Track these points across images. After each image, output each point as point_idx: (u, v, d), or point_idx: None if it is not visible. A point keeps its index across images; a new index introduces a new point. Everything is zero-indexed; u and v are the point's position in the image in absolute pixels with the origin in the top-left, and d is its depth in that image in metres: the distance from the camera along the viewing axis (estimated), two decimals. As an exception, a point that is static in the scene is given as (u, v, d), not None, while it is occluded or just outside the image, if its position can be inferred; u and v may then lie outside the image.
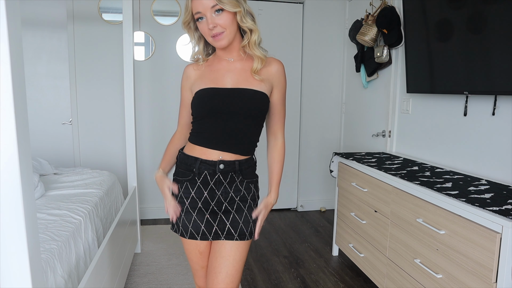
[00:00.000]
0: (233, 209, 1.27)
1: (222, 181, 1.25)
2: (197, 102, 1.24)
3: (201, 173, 1.25)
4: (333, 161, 2.69)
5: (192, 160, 1.26)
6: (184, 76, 1.34)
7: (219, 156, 1.24)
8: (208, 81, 1.26)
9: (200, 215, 1.26)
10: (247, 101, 1.22)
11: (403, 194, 1.84)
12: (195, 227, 1.27)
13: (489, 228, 1.33)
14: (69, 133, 3.47)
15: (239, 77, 1.25)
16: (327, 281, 2.40)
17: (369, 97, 3.18)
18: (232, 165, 1.25)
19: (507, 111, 1.82)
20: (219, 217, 1.27)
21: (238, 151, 1.26)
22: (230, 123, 1.23)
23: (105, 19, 3.27)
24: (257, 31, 1.23)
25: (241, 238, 1.27)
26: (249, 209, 1.29)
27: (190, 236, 1.28)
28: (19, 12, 0.77)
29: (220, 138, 1.24)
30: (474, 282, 1.40)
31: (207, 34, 1.21)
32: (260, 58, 1.25)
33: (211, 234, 1.27)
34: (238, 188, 1.28)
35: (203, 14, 1.17)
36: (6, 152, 0.74)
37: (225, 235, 1.27)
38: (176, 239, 3.00)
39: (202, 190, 1.26)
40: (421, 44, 2.28)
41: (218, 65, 1.29)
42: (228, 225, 1.26)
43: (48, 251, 1.39)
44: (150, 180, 3.53)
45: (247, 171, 1.29)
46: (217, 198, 1.26)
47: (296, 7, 3.62)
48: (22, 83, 0.82)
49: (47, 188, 2.22)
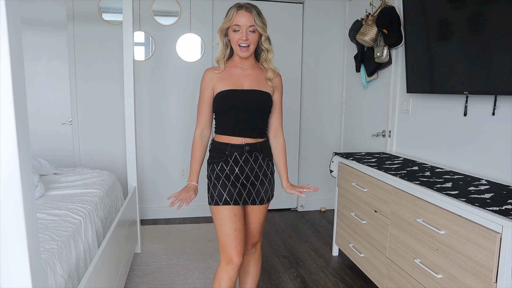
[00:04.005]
0: (258, 182, 1.66)
1: (249, 159, 1.63)
2: (221, 101, 1.60)
3: (232, 154, 1.61)
4: (333, 161, 2.69)
5: (224, 145, 1.62)
6: (207, 78, 1.64)
7: (243, 140, 1.62)
8: (229, 83, 1.61)
9: (233, 186, 1.62)
10: (260, 99, 1.63)
11: (403, 194, 1.84)
12: (229, 195, 1.61)
13: (489, 228, 1.33)
14: (69, 133, 3.47)
15: (252, 81, 1.64)
16: (327, 281, 2.40)
17: (369, 97, 3.18)
18: (255, 146, 1.64)
19: (507, 111, 1.82)
20: (248, 187, 1.64)
21: (256, 135, 1.65)
22: (247, 115, 1.61)
23: (105, 19, 3.27)
24: (272, 51, 1.66)
25: (261, 203, 1.69)
26: (269, 181, 1.70)
27: (224, 202, 1.60)
28: (19, 12, 0.77)
29: (242, 127, 1.62)
30: (474, 282, 1.40)
31: (235, 43, 1.58)
32: (273, 70, 1.67)
33: (241, 200, 1.63)
34: (261, 165, 1.67)
35: (241, 28, 1.54)
36: (6, 152, 0.74)
37: (251, 201, 1.66)
38: (176, 239, 3.00)
39: (234, 167, 1.62)
40: (421, 44, 2.28)
41: (235, 71, 1.65)
42: (254, 194, 1.66)
43: (48, 251, 1.39)
44: (150, 180, 3.53)
45: (266, 150, 1.69)
46: (246, 173, 1.63)
47: (296, 7, 3.62)
48: (22, 83, 0.82)
49: (47, 188, 2.22)
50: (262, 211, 1.73)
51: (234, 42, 1.58)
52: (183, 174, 3.56)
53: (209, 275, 2.42)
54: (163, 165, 3.54)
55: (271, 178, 1.73)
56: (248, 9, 1.54)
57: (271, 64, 1.68)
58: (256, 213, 1.72)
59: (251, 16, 1.53)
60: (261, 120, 1.66)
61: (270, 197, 1.73)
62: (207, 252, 2.77)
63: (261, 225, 1.77)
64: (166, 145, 3.52)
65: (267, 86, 1.66)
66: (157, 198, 3.56)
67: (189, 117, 3.47)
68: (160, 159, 3.52)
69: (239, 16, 1.54)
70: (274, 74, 1.67)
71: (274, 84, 1.67)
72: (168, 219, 3.53)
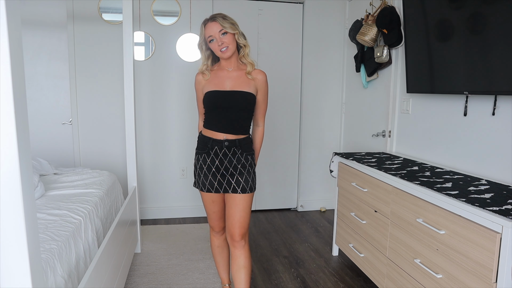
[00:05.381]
0: (237, 172, 1.81)
1: (227, 153, 1.80)
2: (207, 101, 1.80)
3: (213, 148, 1.81)
4: (333, 161, 2.69)
5: (207, 139, 1.82)
6: (197, 82, 1.89)
7: (224, 136, 1.79)
8: (213, 85, 1.81)
9: (213, 176, 1.83)
10: (240, 99, 1.78)
11: (403, 194, 1.84)
12: (210, 184, 1.84)
13: (489, 228, 1.33)
14: (69, 133, 3.47)
15: (235, 82, 1.80)
16: (327, 281, 2.40)
17: (369, 97, 3.18)
18: (234, 142, 1.81)
19: (507, 111, 1.82)
20: (227, 177, 1.82)
21: (237, 132, 1.81)
22: (229, 114, 1.79)
23: (105, 19, 3.26)
24: (248, 46, 1.81)
25: (243, 192, 1.81)
26: (248, 172, 1.84)
27: (207, 190, 1.86)
28: (19, 12, 0.77)
29: (224, 124, 1.79)
30: (474, 282, 1.40)
31: (217, 50, 1.75)
32: (251, 63, 1.83)
33: (221, 188, 1.83)
34: (239, 158, 1.82)
35: (214, 37, 1.73)
36: (6, 152, 0.74)
37: (232, 190, 1.82)
38: (176, 239, 3.00)
39: (214, 159, 1.81)
40: (421, 44, 2.28)
41: (220, 73, 1.83)
42: (233, 183, 1.82)
43: (48, 251, 1.39)
44: (150, 180, 3.53)
45: (245, 146, 1.84)
46: (225, 165, 1.81)
47: (296, 7, 3.62)
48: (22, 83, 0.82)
49: (47, 188, 2.22)
50: (245, 200, 1.83)
51: (216, 50, 1.76)
52: (183, 174, 3.56)
53: (209, 275, 2.42)
54: (163, 165, 3.54)
55: (250, 170, 1.85)
56: (212, 19, 1.74)
57: (249, 58, 1.83)
58: (239, 202, 1.83)
59: (217, 23, 1.72)
60: (241, 118, 1.81)
61: (252, 188, 1.84)
62: (207, 252, 2.77)
63: (246, 214, 1.85)
64: (166, 145, 3.52)
65: (249, 86, 1.80)
66: (157, 198, 3.56)
67: (189, 117, 3.47)
68: (160, 159, 3.52)
69: (208, 28, 1.74)
70: (252, 67, 1.81)
71: (253, 77, 1.81)
72: (168, 219, 3.53)
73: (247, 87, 1.80)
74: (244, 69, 1.83)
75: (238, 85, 1.79)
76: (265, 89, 1.87)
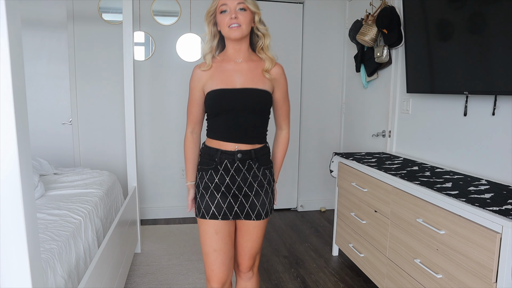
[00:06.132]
0: (252, 193, 1.45)
1: (241, 168, 1.43)
2: (210, 102, 1.40)
3: (222, 162, 1.42)
4: (333, 161, 2.69)
5: (214, 151, 1.44)
6: (196, 78, 1.44)
7: (236, 147, 1.41)
8: (219, 82, 1.40)
9: (223, 197, 1.43)
10: (254, 100, 1.39)
11: (403, 194, 1.84)
12: (217, 207, 1.43)
13: (489, 228, 1.33)
14: (69, 133, 3.47)
15: (246, 77, 1.41)
16: (327, 281, 2.40)
17: (369, 97, 3.18)
18: (249, 154, 1.43)
19: (507, 111, 1.82)
20: (240, 199, 1.45)
21: (252, 141, 1.43)
22: (241, 118, 1.40)
23: (105, 19, 3.26)
24: (269, 36, 1.43)
25: (258, 218, 1.46)
26: (265, 193, 1.47)
27: (211, 216, 1.43)
28: (19, 12, 0.77)
29: (234, 132, 1.41)
30: (474, 282, 1.40)
31: (224, 25, 1.35)
32: (271, 59, 1.43)
33: (231, 214, 1.44)
34: (255, 174, 1.45)
35: (228, 7, 1.34)
36: (6, 152, 0.74)
37: (244, 215, 1.45)
38: (176, 239, 3.00)
39: (224, 177, 1.43)
40: (421, 44, 2.28)
41: (227, 66, 1.42)
42: (247, 207, 1.45)
43: (48, 251, 1.39)
44: (150, 180, 3.53)
45: (263, 158, 1.47)
46: (238, 183, 1.43)
47: (296, 7, 3.61)
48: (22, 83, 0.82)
49: (47, 188, 2.22)
50: (259, 228, 1.49)
51: (223, 25, 1.35)
52: (183, 174, 3.56)
53: (209, 275, 2.42)
54: (163, 165, 3.54)
55: (268, 189, 1.49)
56: None
57: (269, 52, 1.44)
58: (251, 231, 1.49)
59: None
60: (257, 124, 1.44)
61: (268, 212, 1.49)
62: (207, 252, 2.77)
63: (258, 245, 1.53)
64: (166, 145, 3.52)
65: (265, 82, 1.42)
66: (157, 198, 3.56)
67: (189, 117, 3.47)
68: (160, 159, 3.52)
69: None
70: (272, 64, 1.43)
71: (271, 77, 1.43)
72: (168, 219, 3.53)
73: (262, 83, 1.41)
74: (257, 61, 1.44)
75: (250, 80, 1.40)
76: (284, 85, 1.49)
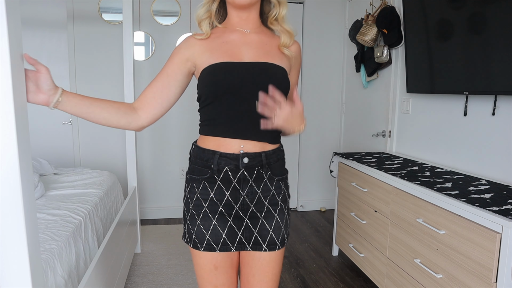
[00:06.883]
0: (262, 215, 1.07)
1: (247, 178, 1.04)
2: (208, 80, 1.02)
3: (221, 169, 1.03)
4: (333, 161, 2.69)
5: (209, 154, 1.04)
6: (185, 45, 1.09)
7: (240, 145, 1.02)
8: (220, 54, 1.04)
9: (222, 221, 1.05)
10: (270, 77, 1.03)
11: (403, 194, 1.84)
12: (214, 235, 1.04)
13: (489, 228, 1.33)
14: (69, 133, 3.47)
15: (258, 50, 1.06)
16: (327, 281, 2.40)
17: (369, 97, 3.18)
18: (258, 158, 1.04)
19: (507, 111, 1.82)
20: (245, 223, 1.06)
21: (262, 138, 1.04)
22: (250, 103, 1.00)
23: (105, 19, 3.26)
24: (286, 5, 1.10)
25: (271, 249, 1.07)
26: (280, 213, 1.09)
27: (206, 248, 1.05)
28: (19, 12, 0.77)
29: (241, 123, 1.02)
30: (474, 282, 1.40)
31: None
32: (289, 32, 1.10)
33: (234, 244, 1.06)
34: (267, 187, 1.07)
35: None
36: (7, 152, 0.74)
37: (252, 245, 1.07)
38: (176, 239, 3.00)
39: (223, 190, 1.04)
40: (421, 44, 2.28)
41: (230, 36, 1.08)
42: (256, 233, 1.07)
43: (48, 251, 1.39)
44: (150, 180, 3.52)
45: (276, 165, 1.09)
46: (242, 200, 1.05)
47: (296, 7, 3.61)
48: (22, 83, 0.82)
49: (47, 188, 2.22)
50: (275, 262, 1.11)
51: None
52: (183, 174, 3.56)
53: (209, 275, 2.42)
54: (163, 165, 3.54)
55: (284, 208, 1.11)
56: None
57: (286, 24, 1.10)
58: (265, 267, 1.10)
59: None
60: None
61: (285, 238, 1.11)
62: (207, 252, 2.77)
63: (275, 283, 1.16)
64: (166, 145, 3.52)
65: (282, 58, 1.09)
66: (157, 198, 3.56)
67: (189, 117, 3.47)
68: (160, 159, 3.52)
69: None
70: (291, 39, 1.10)
71: (292, 54, 1.11)
72: (168, 219, 3.53)
73: (279, 59, 1.08)
74: (269, 35, 1.12)
75: (263, 54, 1.06)
76: (300, 65, 1.19)
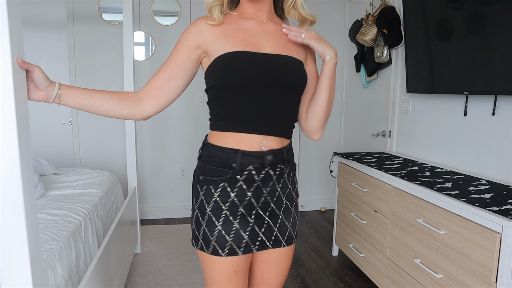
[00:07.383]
0: (281, 211, 1.05)
1: (271, 176, 1.01)
2: (225, 69, 0.95)
3: (244, 168, 0.98)
4: (333, 161, 2.69)
5: (230, 153, 0.97)
6: (195, 29, 1.00)
7: (262, 142, 0.98)
8: (237, 42, 0.97)
9: (244, 222, 1.00)
10: (291, 71, 1.00)
11: (403, 194, 1.85)
12: (237, 239, 0.98)
13: (489, 228, 1.33)
14: (69, 133, 3.47)
15: (275, 41, 1.01)
16: (327, 281, 2.40)
17: (369, 97, 3.18)
18: (280, 154, 1.02)
19: (507, 111, 1.82)
20: (266, 222, 1.03)
21: (283, 133, 1.03)
22: (273, 97, 0.97)
23: (105, 19, 3.26)
24: None
25: (289, 243, 1.09)
26: (295, 208, 1.11)
27: (229, 253, 0.98)
28: (20, 12, 0.77)
29: (263, 118, 0.97)
30: (474, 282, 1.40)
31: None
32: (310, 20, 1.04)
33: (256, 244, 1.02)
34: (285, 183, 1.06)
35: None
36: (7, 152, 0.74)
37: (272, 243, 1.06)
38: (176, 239, 3.00)
39: (245, 191, 0.99)
40: (421, 44, 2.28)
41: (246, 23, 1.01)
42: (276, 231, 1.05)
43: (48, 251, 1.39)
44: (150, 180, 3.52)
45: (291, 159, 1.10)
46: (264, 199, 1.01)
47: (296, 7, 3.61)
48: (23, 83, 0.82)
49: (47, 188, 2.22)
50: (290, 256, 1.12)
51: None
52: (183, 174, 3.56)
53: (209, 275, 2.42)
54: (163, 165, 3.54)
55: (297, 201, 1.13)
56: None
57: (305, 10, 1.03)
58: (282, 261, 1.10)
59: None
60: (293, 107, 1.06)
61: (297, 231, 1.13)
62: (207, 252, 2.77)
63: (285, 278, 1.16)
64: (166, 145, 3.52)
65: (299, 51, 1.05)
66: (157, 198, 3.56)
67: (189, 117, 3.47)
68: (160, 159, 3.52)
69: None
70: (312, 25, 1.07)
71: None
72: (168, 219, 3.53)
73: (297, 52, 1.04)
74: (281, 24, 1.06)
75: (282, 46, 1.01)
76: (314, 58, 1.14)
